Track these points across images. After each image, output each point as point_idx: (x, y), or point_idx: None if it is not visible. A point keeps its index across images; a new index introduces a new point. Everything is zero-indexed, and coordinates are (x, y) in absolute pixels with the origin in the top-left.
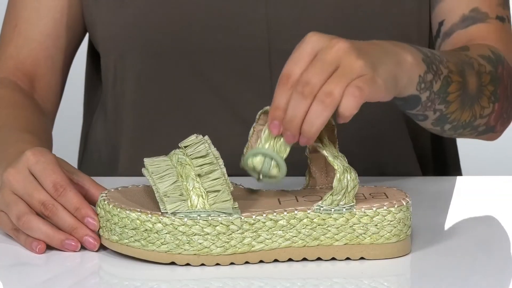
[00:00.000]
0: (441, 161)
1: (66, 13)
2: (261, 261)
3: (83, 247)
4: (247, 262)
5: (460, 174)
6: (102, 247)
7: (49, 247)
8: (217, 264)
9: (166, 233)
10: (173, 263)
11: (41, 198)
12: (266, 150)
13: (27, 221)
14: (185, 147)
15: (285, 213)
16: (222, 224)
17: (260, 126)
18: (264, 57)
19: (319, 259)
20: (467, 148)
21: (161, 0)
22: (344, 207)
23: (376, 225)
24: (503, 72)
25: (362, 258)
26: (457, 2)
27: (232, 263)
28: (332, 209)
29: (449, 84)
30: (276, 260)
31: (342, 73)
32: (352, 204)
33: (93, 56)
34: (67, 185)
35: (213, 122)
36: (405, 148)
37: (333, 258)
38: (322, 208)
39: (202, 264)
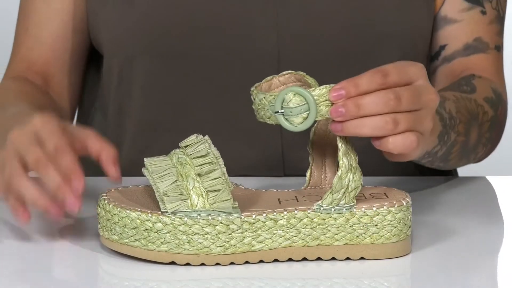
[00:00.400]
0: None
1: (73, 16)
2: (261, 261)
3: (82, 248)
4: (247, 262)
5: (456, 174)
6: (102, 247)
7: (48, 248)
8: (217, 264)
9: (166, 233)
10: (173, 263)
11: (37, 155)
12: (312, 99)
13: (18, 180)
14: (185, 146)
15: (285, 212)
16: (222, 223)
17: (277, 81)
18: (273, 64)
19: (319, 259)
20: None
21: (170, 3)
22: (344, 207)
23: (376, 225)
24: (501, 113)
25: (362, 258)
26: (462, 30)
27: (232, 263)
28: (332, 209)
29: (453, 147)
30: (276, 260)
31: (416, 119)
32: (352, 204)
33: (87, 57)
34: (69, 151)
35: (217, 126)
36: None
37: (333, 258)
38: (322, 208)
39: (202, 264)
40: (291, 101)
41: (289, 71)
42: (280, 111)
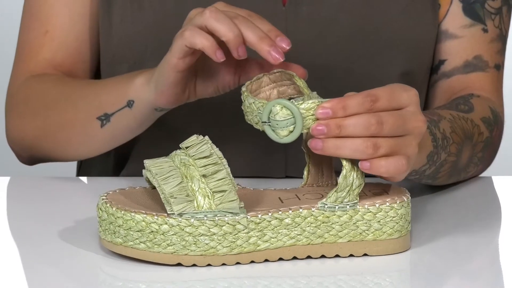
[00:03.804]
0: None
1: (95, 20)
2: (266, 260)
3: (82, 250)
4: (252, 261)
5: None
6: (102, 249)
7: (48, 251)
8: (223, 264)
9: (173, 234)
10: (178, 264)
11: (240, 13)
12: (299, 113)
13: (217, 12)
14: (186, 147)
15: (290, 211)
16: (228, 224)
17: (267, 79)
18: None
19: (323, 256)
20: None
21: (180, 8)
22: (348, 204)
23: (379, 222)
24: (496, 133)
25: (365, 254)
26: (463, 46)
27: (238, 263)
28: (336, 207)
29: (442, 166)
30: (281, 259)
31: (399, 144)
32: (356, 201)
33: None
34: (266, 20)
35: (222, 128)
36: None
37: (337, 255)
38: (326, 206)
39: (208, 265)
40: (278, 114)
41: (280, 70)
42: (267, 121)
